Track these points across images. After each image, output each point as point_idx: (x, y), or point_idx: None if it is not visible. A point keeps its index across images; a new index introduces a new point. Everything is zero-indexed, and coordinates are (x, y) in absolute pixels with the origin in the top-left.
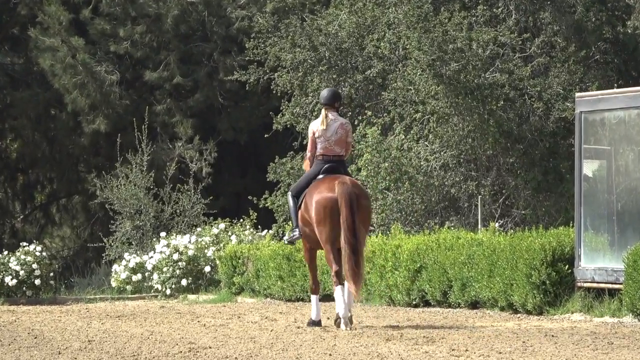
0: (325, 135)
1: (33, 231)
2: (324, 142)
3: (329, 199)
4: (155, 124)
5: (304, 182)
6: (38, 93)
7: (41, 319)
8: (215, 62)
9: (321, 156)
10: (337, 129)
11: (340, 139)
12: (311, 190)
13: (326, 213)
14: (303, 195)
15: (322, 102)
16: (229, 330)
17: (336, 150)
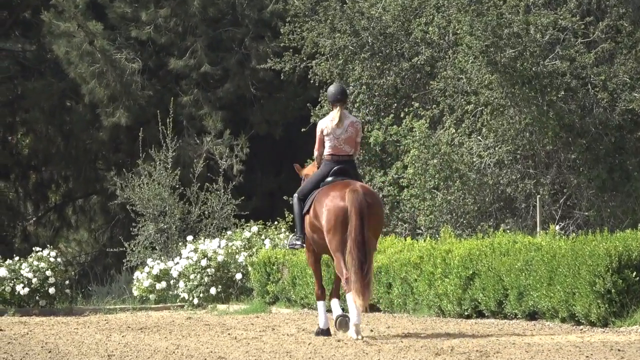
0: (335, 133)
1: (47, 235)
2: (333, 140)
3: (341, 208)
4: (181, 116)
5: (311, 184)
6: (52, 83)
7: (56, 331)
8: (246, 49)
9: (330, 156)
10: (347, 127)
11: (350, 138)
12: (321, 196)
13: (337, 222)
14: (311, 200)
15: (332, 100)
16: (262, 343)
17: (345, 150)
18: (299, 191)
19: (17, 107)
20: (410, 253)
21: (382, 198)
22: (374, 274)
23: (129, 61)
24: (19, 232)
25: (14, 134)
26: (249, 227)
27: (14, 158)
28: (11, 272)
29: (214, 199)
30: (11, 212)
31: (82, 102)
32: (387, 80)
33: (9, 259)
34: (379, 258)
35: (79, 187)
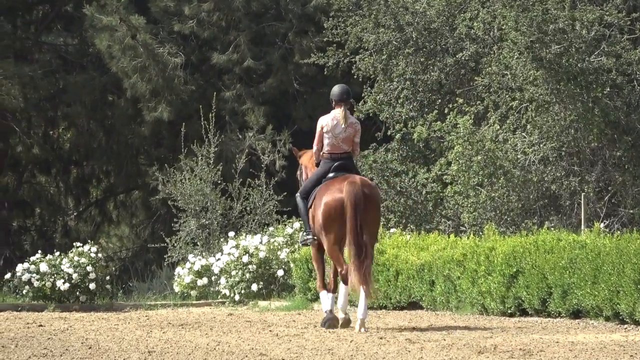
0: (334, 132)
1: (88, 230)
2: (332, 138)
3: (337, 200)
4: (224, 111)
5: (312, 182)
6: (94, 77)
7: (96, 327)
8: (290, 44)
9: (328, 154)
10: (346, 127)
11: (348, 138)
12: (322, 191)
13: (336, 214)
14: (313, 196)
15: (338, 99)
16: (304, 340)
17: (344, 148)
18: (301, 191)
19: (58, 101)
20: (454, 250)
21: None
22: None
23: (171, 55)
24: (60, 227)
25: (55, 128)
26: (291, 223)
27: (55, 153)
28: (52, 268)
29: (256, 195)
30: (52, 207)
31: (124, 96)
32: (431, 75)
33: (49, 254)
34: (422, 255)
35: (120, 182)
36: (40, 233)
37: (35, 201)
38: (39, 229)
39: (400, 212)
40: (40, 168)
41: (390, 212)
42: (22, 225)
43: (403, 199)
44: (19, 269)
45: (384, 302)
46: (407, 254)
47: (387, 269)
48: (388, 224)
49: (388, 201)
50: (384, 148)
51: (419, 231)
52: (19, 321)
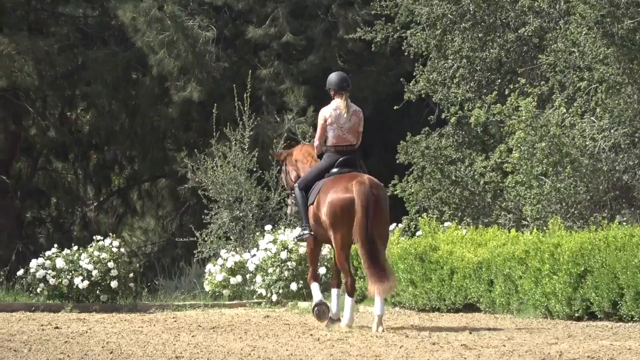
0: (338, 123)
1: (109, 222)
2: (337, 129)
3: (345, 200)
4: (260, 91)
5: (313, 174)
6: (116, 52)
7: (118, 329)
8: (333, 17)
9: (333, 147)
10: (350, 116)
11: (353, 127)
12: (326, 188)
13: (343, 215)
14: (316, 192)
15: (338, 88)
16: (348, 346)
17: (349, 139)
18: (301, 181)
19: (77, 79)
20: (515, 247)
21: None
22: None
23: (202, 29)
24: (78, 218)
25: (73, 109)
26: None
27: (73, 136)
28: (69, 264)
29: None
30: (70, 197)
31: (150, 74)
32: (491, 53)
33: (67, 249)
34: (479, 252)
35: (145, 169)
36: (56, 225)
37: (51, 190)
38: (55, 221)
39: (456, 204)
40: (56, 153)
41: (445, 204)
42: (36, 217)
43: (459, 189)
44: (33, 264)
45: (437, 303)
46: (462, 250)
47: (441, 267)
48: (442, 216)
49: (442, 192)
50: (437, 133)
51: (476, 225)
52: (33, 322)
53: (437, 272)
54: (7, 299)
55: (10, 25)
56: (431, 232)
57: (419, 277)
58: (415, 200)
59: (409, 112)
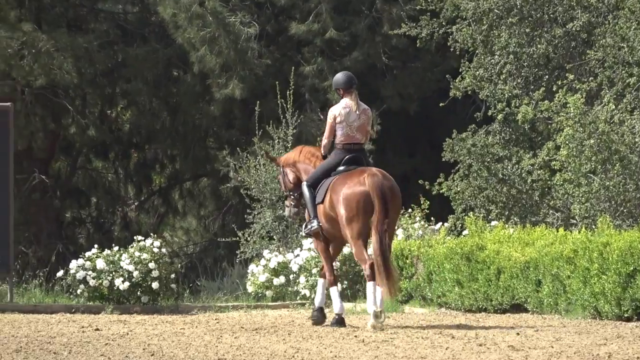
0: (348, 121)
1: (150, 222)
2: (346, 127)
3: (361, 193)
4: (303, 88)
5: (321, 171)
6: (157, 49)
7: (159, 331)
8: (378, 12)
9: (341, 145)
10: (360, 115)
11: (362, 125)
12: (337, 185)
13: (359, 208)
14: (325, 189)
15: (346, 87)
16: (393, 347)
17: (358, 137)
18: (309, 178)
19: (117, 76)
20: (563, 246)
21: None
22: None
23: (244, 25)
24: (119, 218)
25: (113, 107)
26: None
27: (114, 135)
28: (110, 264)
29: None
30: (110, 196)
31: (191, 71)
32: (538, 48)
33: (107, 250)
34: (527, 251)
35: (186, 168)
36: (96, 225)
37: (91, 189)
38: (95, 221)
39: (503, 202)
40: (96, 152)
41: (492, 203)
42: (76, 217)
43: (506, 187)
44: (73, 265)
45: (483, 304)
46: (510, 249)
47: (488, 266)
48: (489, 215)
49: (489, 190)
50: (484, 130)
51: (524, 224)
52: (73, 324)
53: (484, 272)
54: (47, 301)
55: (49, 22)
56: (478, 232)
57: (465, 277)
58: (462, 199)
59: (454, 109)
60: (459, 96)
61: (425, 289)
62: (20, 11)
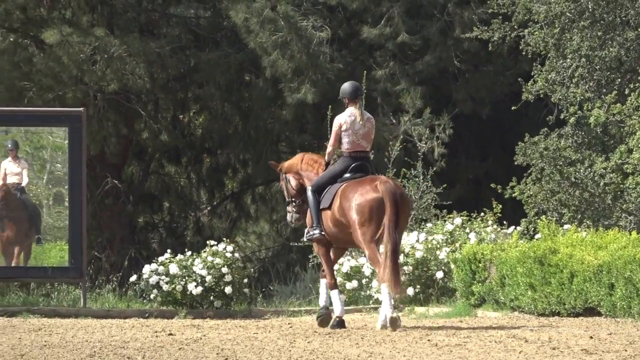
0: (353, 129)
1: (222, 227)
2: (352, 136)
3: (375, 199)
4: (375, 92)
5: (326, 178)
6: (229, 54)
7: (233, 336)
8: (450, 16)
9: (348, 152)
10: (365, 123)
11: (367, 133)
12: (348, 192)
13: (372, 213)
14: (332, 195)
15: (352, 97)
16: (466, 351)
17: (363, 145)
18: (313, 184)
19: (189, 81)
20: (636, 249)
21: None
22: None
23: (316, 29)
24: (192, 223)
25: (185, 112)
26: (452, 218)
27: (186, 139)
28: (182, 269)
29: (412, 187)
30: (182, 201)
31: (263, 76)
32: (610, 52)
33: (179, 254)
34: (600, 255)
35: (259, 172)
36: (169, 230)
37: (164, 194)
38: (167, 226)
39: (575, 206)
40: (168, 157)
41: (564, 206)
42: (149, 222)
43: (578, 191)
44: (146, 270)
45: (556, 307)
46: (582, 253)
47: (561, 270)
48: (561, 219)
49: (561, 194)
50: (556, 134)
51: (597, 227)
52: (147, 329)
53: (557, 276)
54: (120, 306)
55: (121, 27)
56: (550, 235)
57: (538, 281)
58: (534, 203)
59: (527, 113)
60: (531, 99)
61: (498, 293)
62: (93, 16)
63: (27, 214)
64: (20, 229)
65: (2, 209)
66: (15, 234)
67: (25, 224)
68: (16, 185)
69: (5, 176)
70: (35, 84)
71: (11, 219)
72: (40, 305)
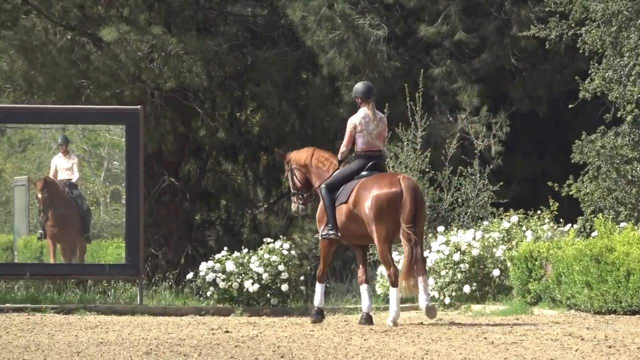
0: (368, 130)
1: (279, 224)
2: (366, 136)
3: (394, 194)
4: (432, 90)
5: (342, 176)
6: (286, 52)
7: (289, 333)
8: (507, 14)
9: (363, 152)
10: (378, 123)
11: (381, 134)
12: (367, 186)
13: (390, 208)
14: (349, 190)
15: (365, 97)
16: (522, 349)
17: (377, 145)
18: (328, 183)
19: (246, 79)
20: None
21: None
22: None
23: (373, 27)
24: (248, 221)
25: (242, 110)
26: (508, 216)
27: (243, 137)
28: (239, 267)
29: (469, 185)
30: (239, 199)
31: (320, 74)
32: None
33: (236, 252)
34: None
35: None
36: (226, 228)
37: (221, 192)
38: (224, 223)
39: (632, 204)
40: (225, 155)
41: (621, 204)
42: (205, 219)
43: (635, 189)
44: (203, 268)
45: (613, 305)
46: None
47: (617, 268)
48: (618, 217)
49: (618, 192)
50: (613, 132)
51: None
52: (203, 327)
53: (613, 274)
54: (177, 303)
55: (178, 25)
56: (607, 233)
57: (594, 279)
58: (591, 201)
59: (583, 111)
60: (588, 98)
61: (554, 291)
62: (150, 14)
63: (74, 211)
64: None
65: (47, 205)
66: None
67: (73, 221)
68: (67, 182)
69: (56, 172)
70: (93, 81)
71: (56, 215)
72: (97, 302)
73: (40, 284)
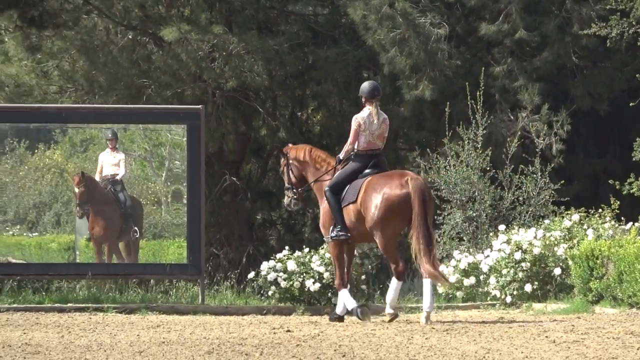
0: (370, 129)
1: None
2: (368, 136)
3: (401, 195)
4: (493, 89)
5: (345, 176)
6: (347, 51)
7: (350, 332)
8: (568, 12)
9: (364, 151)
10: (380, 124)
11: (382, 133)
12: (375, 184)
13: (400, 209)
14: (357, 189)
15: (370, 96)
16: (584, 348)
17: (378, 144)
18: (332, 185)
19: (307, 78)
20: None
21: None
22: None
23: (434, 26)
24: (310, 220)
25: (304, 109)
26: (570, 215)
27: (304, 136)
28: (300, 266)
29: (530, 183)
30: None
31: (381, 72)
32: None
33: (297, 251)
34: None
35: None
36: (287, 227)
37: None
38: (285, 223)
39: None
40: None
41: None
42: (267, 219)
43: None
44: (264, 267)
45: None
46: None
47: None
48: None
49: None
50: None
51: None
52: (264, 326)
53: None
54: (238, 302)
55: (239, 24)
56: None
57: None
58: None
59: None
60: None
61: (615, 289)
62: (211, 14)
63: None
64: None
65: (86, 201)
66: (103, 229)
67: (117, 220)
68: (112, 177)
69: (102, 168)
70: (154, 81)
71: (98, 213)
72: (159, 302)
73: (102, 283)
